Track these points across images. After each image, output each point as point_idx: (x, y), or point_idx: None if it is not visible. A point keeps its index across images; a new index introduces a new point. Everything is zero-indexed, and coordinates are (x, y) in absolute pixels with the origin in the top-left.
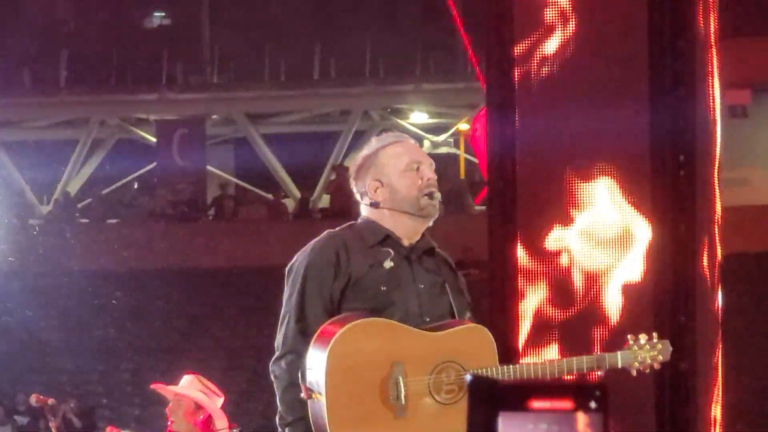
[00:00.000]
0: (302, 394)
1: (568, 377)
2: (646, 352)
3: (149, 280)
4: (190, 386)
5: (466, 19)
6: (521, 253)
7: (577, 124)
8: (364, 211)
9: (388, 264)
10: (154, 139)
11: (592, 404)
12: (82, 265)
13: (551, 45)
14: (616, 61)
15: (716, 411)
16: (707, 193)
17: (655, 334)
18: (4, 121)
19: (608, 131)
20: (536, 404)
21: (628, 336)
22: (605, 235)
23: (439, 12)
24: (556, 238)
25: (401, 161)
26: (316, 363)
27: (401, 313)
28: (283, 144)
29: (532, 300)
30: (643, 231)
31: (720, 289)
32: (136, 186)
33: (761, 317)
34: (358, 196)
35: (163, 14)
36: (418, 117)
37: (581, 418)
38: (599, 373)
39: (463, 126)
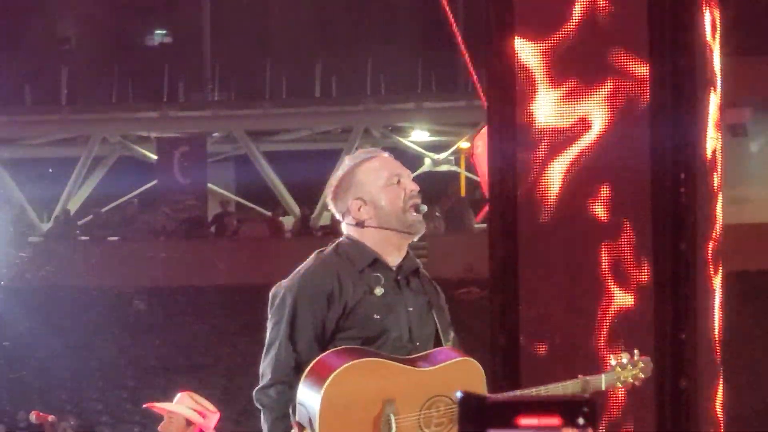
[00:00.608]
0: (293, 430)
1: None
2: (628, 371)
3: (149, 297)
4: (181, 403)
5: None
6: (522, 271)
7: (578, 143)
8: (347, 230)
9: (379, 291)
10: (154, 157)
11: (580, 420)
12: (83, 283)
13: (552, 65)
14: (616, 80)
15: (717, 428)
16: (708, 210)
17: (636, 352)
18: (4, 138)
19: (609, 149)
20: (524, 421)
21: (611, 356)
22: (606, 252)
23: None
24: (557, 256)
25: (380, 176)
26: (308, 400)
27: (394, 339)
28: (283, 162)
29: (534, 317)
30: (643, 248)
31: (720, 307)
32: (136, 203)
33: (762, 335)
34: (339, 216)
35: (164, 32)
36: (419, 135)
37: None
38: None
39: (464, 144)
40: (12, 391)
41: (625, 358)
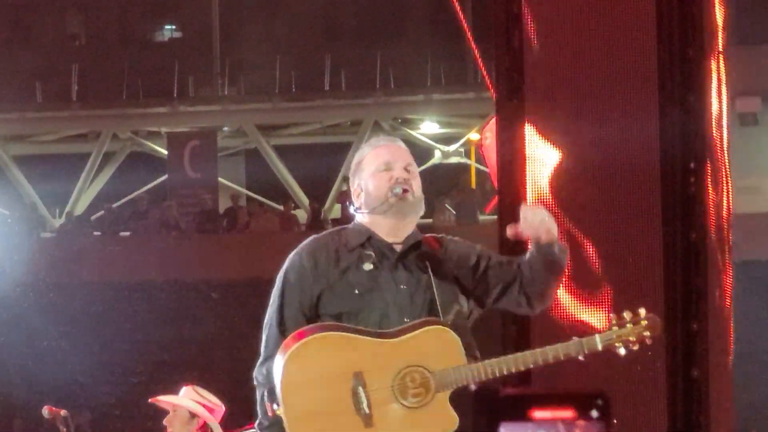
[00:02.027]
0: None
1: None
2: (628, 329)
3: (162, 292)
4: (186, 397)
5: (476, 30)
6: None
7: (587, 132)
8: (356, 215)
9: (368, 266)
10: (165, 152)
11: (594, 413)
12: (95, 278)
13: (561, 55)
14: (625, 70)
15: (729, 417)
16: (718, 200)
17: (641, 310)
18: (16, 134)
19: (618, 139)
20: (538, 414)
21: (611, 315)
22: (616, 242)
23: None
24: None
25: (374, 164)
26: (275, 376)
27: (378, 315)
28: (293, 155)
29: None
30: (653, 238)
31: (731, 297)
32: (147, 199)
33: None
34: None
35: (174, 28)
36: (429, 127)
37: (583, 426)
38: (580, 358)
39: (474, 136)
40: (26, 386)
41: (627, 316)
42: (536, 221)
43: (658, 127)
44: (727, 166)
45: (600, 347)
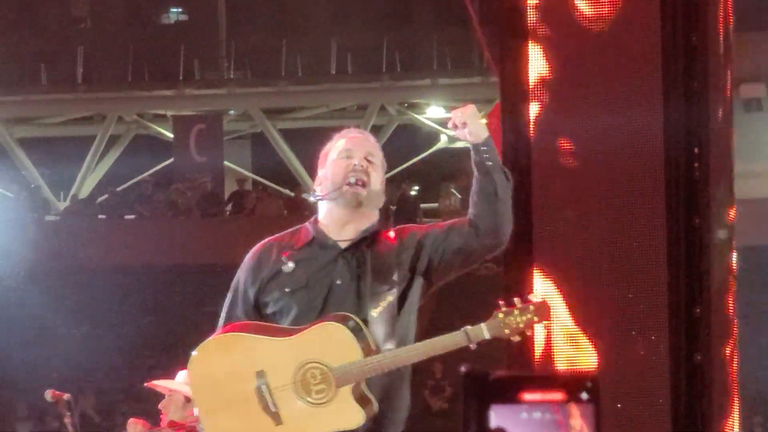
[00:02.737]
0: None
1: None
2: (516, 316)
3: (167, 276)
4: (181, 381)
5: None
6: (536, 246)
7: (591, 118)
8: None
9: (290, 267)
10: (171, 135)
11: (584, 395)
12: (100, 261)
13: (565, 40)
14: (629, 56)
15: (732, 403)
16: (721, 185)
17: (532, 296)
18: (21, 117)
19: (622, 124)
20: (528, 396)
21: (500, 303)
22: (620, 227)
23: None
24: (571, 232)
25: (336, 152)
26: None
27: (309, 313)
28: (299, 139)
29: (547, 293)
30: (657, 223)
31: (734, 282)
32: (152, 182)
33: None
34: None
35: (180, 10)
36: (435, 111)
37: (573, 409)
38: (472, 347)
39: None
40: (31, 370)
41: (516, 303)
42: (459, 119)
43: (662, 113)
44: (732, 152)
45: (487, 335)
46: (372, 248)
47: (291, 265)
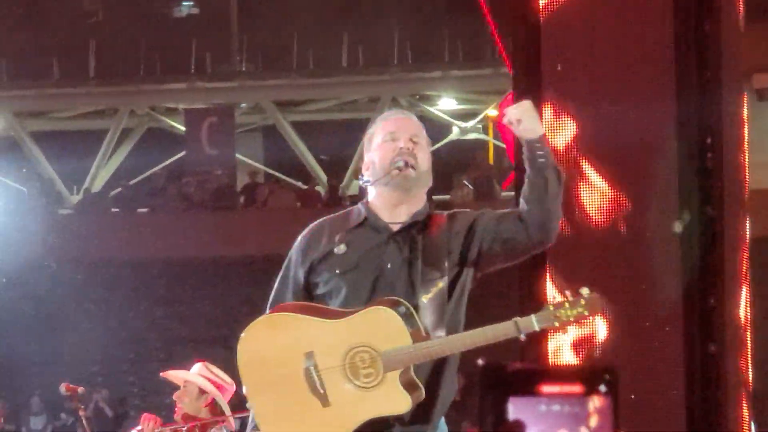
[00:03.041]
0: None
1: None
2: (566, 309)
3: (180, 269)
4: (197, 372)
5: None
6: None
7: (604, 107)
8: (367, 191)
9: (342, 249)
10: (183, 128)
11: (602, 388)
12: (112, 255)
13: (577, 31)
14: (641, 45)
15: (747, 392)
16: (735, 175)
17: (584, 290)
18: (33, 111)
19: (635, 114)
20: (546, 389)
21: (552, 295)
22: (633, 218)
23: None
24: (584, 221)
25: (381, 135)
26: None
27: (345, 294)
28: (311, 132)
29: (560, 284)
30: (671, 214)
31: (748, 273)
32: (164, 175)
33: None
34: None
35: (192, 3)
36: (447, 103)
37: (591, 401)
38: (522, 337)
39: (492, 112)
40: (43, 363)
41: (568, 296)
42: (514, 115)
43: (675, 103)
44: (746, 142)
45: (537, 327)
46: (424, 233)
47: (342, 247)
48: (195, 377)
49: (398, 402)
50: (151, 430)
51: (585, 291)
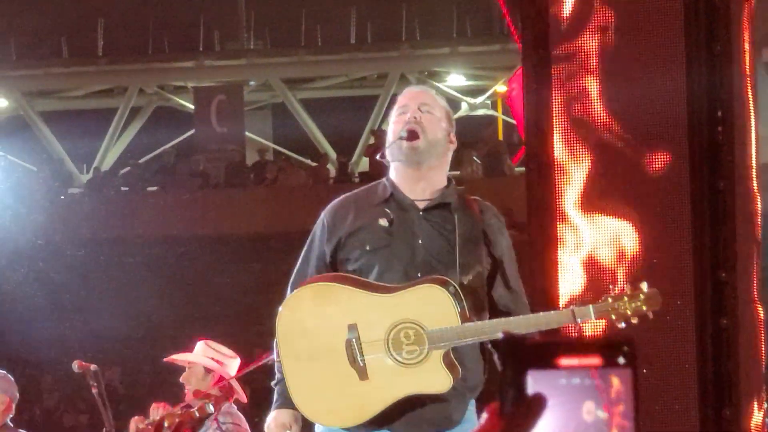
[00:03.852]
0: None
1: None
2: (624, 303)
3: (190, 247)
4: (199, 352)
5: None
6: (560, 214)
7: (613, 82)
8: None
9: (384, 223)
10: (192, 107)
11: (621, 360)
12: (123, 233)
13: (585, 5)
14: (651, 18)
15: (759, 367)
16: (745, 148)
17: (643, 284)
18: (42, 90)
19: (644, 88)
20: (564, 362)
21: (610, 286)
22: (643, 191)
23: None
24: (594, 198)
25: (395, 111)
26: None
27: (378, 271)
28: (320, 109)
29: (571, 260)
30: (681, 188)
31: (759, 246)
32: (174, 153)
33: None
34: None
35: None
36: (455, 79)
37: (611, 373)
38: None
39: (501, 88)
40: (54, 342)
41: (626, 289)
42: None
43: (685, 76)
44: (755, 115)
45: (593, 317)
46: (458, 213)
47: (384, 221)
48: (198, 357)
49: (440, 381)
50: (157, 415)
51: (644, 285)
